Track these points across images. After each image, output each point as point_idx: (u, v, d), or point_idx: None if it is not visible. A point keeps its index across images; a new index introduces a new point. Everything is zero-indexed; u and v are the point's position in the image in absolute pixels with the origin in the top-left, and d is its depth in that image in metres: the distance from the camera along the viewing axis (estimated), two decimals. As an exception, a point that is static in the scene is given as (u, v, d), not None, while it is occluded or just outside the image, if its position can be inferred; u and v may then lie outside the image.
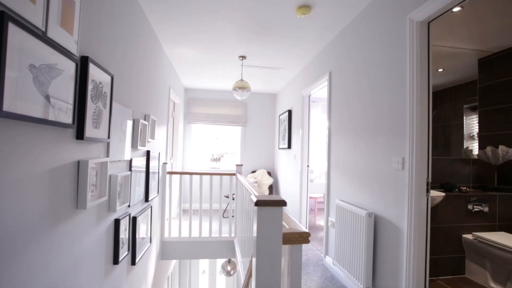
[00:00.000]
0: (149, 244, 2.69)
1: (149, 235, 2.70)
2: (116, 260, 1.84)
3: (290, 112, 4.64)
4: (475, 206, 2.75)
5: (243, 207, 2.64)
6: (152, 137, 2.82)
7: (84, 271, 1.45)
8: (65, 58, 1.16)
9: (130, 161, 2.14)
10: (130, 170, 2.13)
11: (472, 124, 3.58)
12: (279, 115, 5.38)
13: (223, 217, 4.96)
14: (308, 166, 3.92)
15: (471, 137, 3.56)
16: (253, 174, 5.41)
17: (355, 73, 2.57)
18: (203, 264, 6.91)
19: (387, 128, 2.06)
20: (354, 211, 2.33)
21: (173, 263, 4.54)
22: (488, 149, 2.99)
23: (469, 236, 2.68)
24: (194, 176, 5.53)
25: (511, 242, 2.34)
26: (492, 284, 2.48)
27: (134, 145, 2.22)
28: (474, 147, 3.39)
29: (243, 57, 3.67)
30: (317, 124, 5.52)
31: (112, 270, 1.84)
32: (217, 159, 5.79)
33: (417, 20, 1.74)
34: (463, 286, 2.52)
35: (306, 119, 3.96)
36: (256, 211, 1.03)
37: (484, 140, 3.23)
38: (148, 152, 2.65)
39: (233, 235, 3.53)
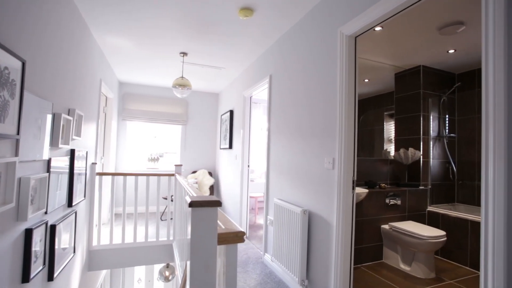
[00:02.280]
0: (72, 254, 2.38)
1: (72, 245, 2.40)
2: (26, 278, 1.58)
3: (232, 112, 4.66)
4: (391, 200, 3.18)
5: (181, 209, 2.54)
6: (78, 134, 2.51)
7: (-20, 293, 1.21)
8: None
9: (49, 161, 1.87)
10: (49, 171, 1.86)
11: (390, 129, 4.11)
12: (221, 115, 5.36)
13: (161, 220, 4.71)
14: (248, 166, 4.00)
15: (389, 141, 4.09)
16: (193, 174, 5.26)
17: (292, 78, 2.72)
18: (139, 271, 6.44)
19: (320, 131, 2.22)
20: (290, 209, 2.45)
21: (103, 273, 4.12)
22: (401, 151, 3.48)
23: (386, 226, 3.08)
24: (128, 177, 5.12)
25: (415, 229, 2.77)
26: (402, 265, 2.89)
27: (54, 143, 1.95)
28: (391, 149, 3.91)
29: (184, 54, 3.55)
30: (258, 125, 5.67)
31: (21, 289, 1.57)
32: (155, 159, 5.47)
33: (346, 34, 1.93)
34: (380, 270, 2.88)
35: (247, 120, 4.03)
36: (190, 212, 1.00)
37: (398, 143, 3.76)
38: (72, 151, 2.36)
39: (171, 238, 3.38)
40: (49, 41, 1.86)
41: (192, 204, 0.99)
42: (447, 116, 3.77)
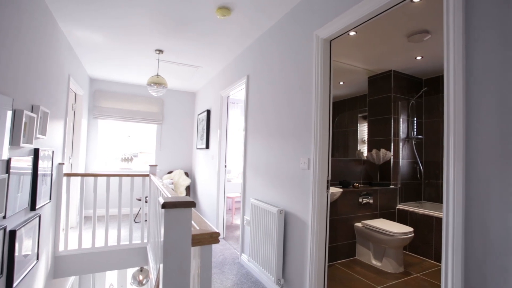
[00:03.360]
0: (35, 261, 2.24)
1: (35, 251, 2.25)
2: (-19, 287, 1.46)
3: (209, 112, 4.61)
4: (363, 199, 3.30)
5: (156, 210, 2.47)
6: (43, 132, 2.36)
7: None
8: None
9: (8, 161, 1.74)
10: (8, 172, 1.73)
11: (363, 130, 4.27)
12: (198, 115, 5.28)
13: (135, 222, 4.55)
14: (225, 166, 3.97)
15: (363, 141, 4.25)
16: (169, 175, 5.14)
17: (269, 79, 2.74)
18: (111, 276, 6.17)
19: (297, 132, 2.26)
20: (267, 209, 2.47)
21: (71, 280, 3.90)
22: (373, 151, 3.62)
23: (359, 224, 3.19)
24: (99, 178, 4.90)
25: (386, 226, 2.90)
26: (373, 261, 3.01)
27: (15, 142, 1.81)
28: (365, 149, 4.06)
29: (160, 51, 3.45)
30: (236, 125, 5.66)
31: (-25, 300, 1.45)
32: (128, 159, 5.28)
33: (322, 37, 1.98)
34: (354, 266, 2.98)
35: (225, 120, 4.01)
36: (163, 214, 0.97)
37: (371, 144, 3.91)
38: (36, 151, 2.21)
39: (145, 240, 3.27)
40: (8, 30, 1.73)
41: (165, 205, 0.97)
42: (415, 118, 3.99)
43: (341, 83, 4.12)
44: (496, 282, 0.99)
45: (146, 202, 4.20)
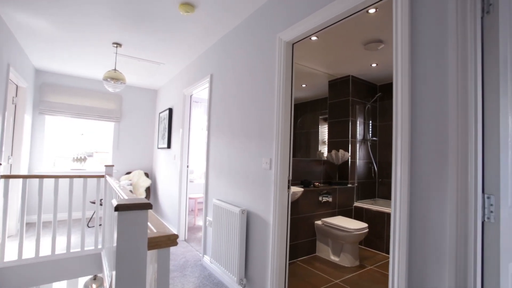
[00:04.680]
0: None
1: (-37, 263, 1.97)
2: None
3: (171, 110, 4.46)
4: (323, 198, 3.44)
5: (111, 214, 2.32)
6: (-25, 129, 2.08)
7: None
8: None
9: None
10: None
11: (324, 132, 4.45)
12: (159, 113, 5.08)
13: (88, 226, 4.23)
14: (188, 166, 3.87)
15: (323, 142, 4.43)
16: (127, 175, 4.87)
17: (233, 79, 2.73)
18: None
19: (259, 132, 2.28)
20: (229, 209, 2.46)
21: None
22: (333, 152, 3.80)
23: (319, 222, 3.32)
24: (46, 180, 4.47)
25: (343, 223, 3.06)
26: (332, 257, 3.16)
27: None
28: (325, 150, 4.24)
29: (118, 45, 3.25)
30: (199, 125, 5.55)
31: None
32: (81, 159, 4.88)
33: (285, 39, 2.02)
34: (314, 263, 3.10)
35: (187, 119, 3.91)
36: (116, 217, 0.91)
37: (331, 145, 4.10)
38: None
39: (100, 246, 3.05)
40: None
41: (118, 208, 0.91)
42: (370, 122, 4.27)
43: (304, 85, 4.25)
44: (432, 262, 1.09)
45: (101, 205, 3.93)
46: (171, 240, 1.01)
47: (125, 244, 0.92)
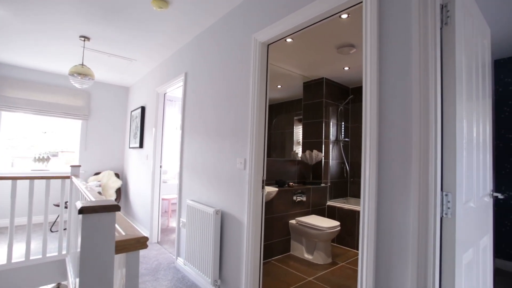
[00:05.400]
0: None
1: None
2: None
3: (143, 108, 4.32)
4: (297, 197, 3.51)
5: (78, 216, 2.20)
6: None
7: None
8: None
9: None
10: None
11: (299, 132, 4.54)
12: (131, 111, 4.89)
13: (51, 231, 3.97)
14: (161, 166, 3.77)
15: (298, 143, 4.51)
16: (96, 176, 4.63)
17: (208, 78, 2.70)
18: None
19: (234, 132, 2.28)
20: (203, 210, 2.42)
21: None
22: (307, 152, 3.89)
23: (293, 221, 3.38)
24: (1, 182, 4.13)
25: (317, 221, 3.14)
26: (306, 255, 3.23)
27: None
28: (299, 150, 4.32)
29: (86, 38, 3.08)
30: (173, 124, 5.42)
31: None
32: (44, 160, 4.57)
33: (260, 40, 2.03)
34: (288, 261, 3.14)
35: (161, 118, 3.80)
36: (81, 220, 0.86)
37: (305, 145, 4.18)
38: None
39: (64, 252, 2.88)
40: None
41: (83, 210, 0.86)
42: (343, 123, 4.43)
43: (279, 86, 4.31)
44: (397, 255, 1.15)
45: (66, 207, 3.70)
46: (140, 243, 0.97)
47: (90, 249, 0.88)
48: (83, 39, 3.09)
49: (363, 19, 1.33)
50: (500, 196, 1.62)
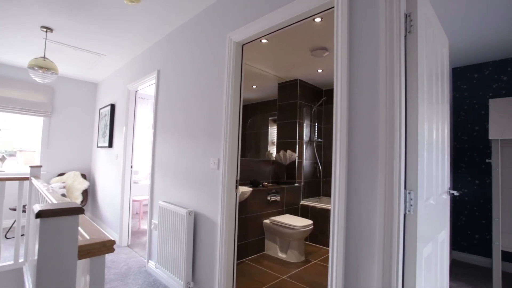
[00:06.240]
0: None
1: None
2: None
3: (113, 106, 4.12)
4: (272, 197, 3.54)
5: (37, 221, 2.04)
6: None
7: None
8: None
9: None
10: None
11: (273, 132, 4.58)
12: (100, 109, 4.65)
13: (6, 237, 3.66)
14: (132, 167, 3.63)
15: (273, 143, 4.56)
16: (60, 177, 4.35)
17: (182, 76, 2.64)
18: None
19: (207, 132, 2.25)
20: (176, 211, 2.37)
21: None
22: (281, 152, 3.94)
23: (267, 221, 3.41)
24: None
25: (290, 221, 3.19)
26: (280, 254, 3.27)
27: None
28: (274, 151, 4.37)
29: (48, 29, 2.87)
30: (146, 123, 5.24)
31: None
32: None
33: (235, 40, 2.03)
34: (262, 261, 3.16)
35: (132, 116, 3.66)
36: (39, 225, 0.80)
37: (279, 145, 4.24)
38: None
39: (22, 260, 2.66)
40: None
41: (40, 214, 0.80)
42: (316, 124, 4.54)
43: (254, 86, 4.32)
44: (364, 251, 1.21)
45: (24, 212, 3.44)
46: (106, 246, 0.93)
47: (49, 256, 0.82)
48: (45, 30, 2.88)
49: (335, 23, 1.38)
50: (456, 193, 1.75)
